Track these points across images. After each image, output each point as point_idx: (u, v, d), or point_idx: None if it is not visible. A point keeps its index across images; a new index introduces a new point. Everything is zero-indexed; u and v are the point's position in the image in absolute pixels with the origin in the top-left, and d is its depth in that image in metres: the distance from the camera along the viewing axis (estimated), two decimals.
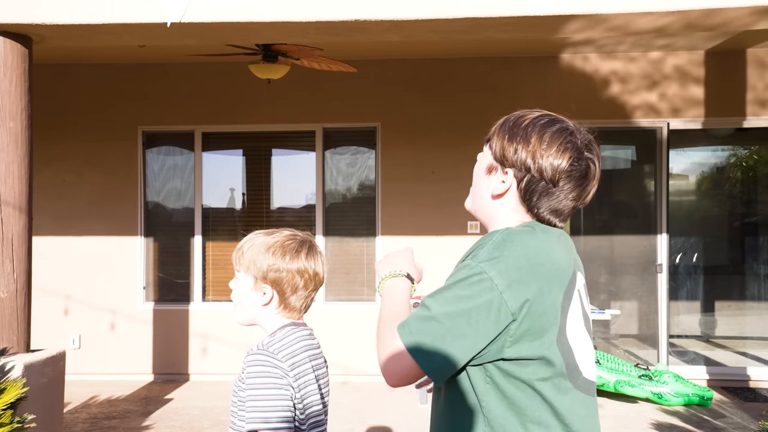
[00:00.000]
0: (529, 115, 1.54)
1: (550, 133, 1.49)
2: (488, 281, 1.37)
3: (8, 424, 3.57)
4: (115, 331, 7.24)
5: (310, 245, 1.87)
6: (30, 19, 4.04)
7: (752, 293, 7.15)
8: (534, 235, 1.44)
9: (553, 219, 1.51)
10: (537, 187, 1.48)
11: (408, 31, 4.26)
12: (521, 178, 1.48)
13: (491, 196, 1.54)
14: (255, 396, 1.70)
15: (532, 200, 1.49)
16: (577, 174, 1.48)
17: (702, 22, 4.12)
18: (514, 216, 1.52)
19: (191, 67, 7.23)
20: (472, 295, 1.37)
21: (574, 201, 1.50)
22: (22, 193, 4.20)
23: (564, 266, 1.45)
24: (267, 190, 7.47)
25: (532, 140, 1.48)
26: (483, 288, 1.37)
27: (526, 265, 1.38)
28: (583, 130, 1.54)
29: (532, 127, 1.50)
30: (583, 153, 1.49)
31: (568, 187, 1.48)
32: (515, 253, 1.39)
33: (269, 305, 1.84)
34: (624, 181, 7.39)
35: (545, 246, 1.44)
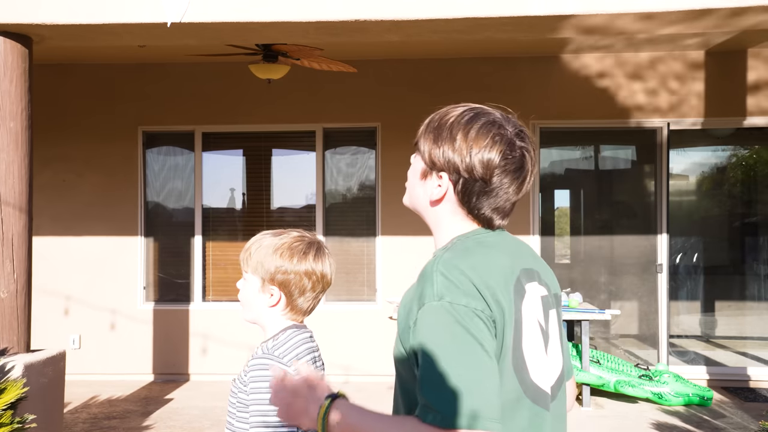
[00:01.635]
0: (452, 112, 1.45)
1: (476, 128, 1.40)
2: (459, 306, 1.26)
3: (8, 424, 3.57)
4: (115, 331, 7.24)
5: (318, 247, 1.86)
6: (30, 19, 4.04)
7: (752, 293, 7.15)
8: (475, 256, 1.35)
9: (495, 217, 1.42)
10: (473, 187, 1.40)
11: (408, 31, 4.25)
12: (456, 180, 1.40)
13: (430, 203, 1.46)
14: (260, 400, 1.70)
15: (471, 202, 1.41)
16: (513, 167, 1.39)
17: (701, 21, 4.12)
18: (455, 219, 1.44)
19: (191, 67, 7.23)
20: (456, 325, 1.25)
21: (515, 194, 1.42)
22: (23, 193, 4.20)
23: (508, 278, 1.36)
24: (267, 190, 7.47)
25: (458, 139, 1.40)
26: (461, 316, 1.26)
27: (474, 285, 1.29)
28: (512, 119, 1.44)
29: (457, 125, 1.41)
30: (515, 143, 1.40)
31: (505, 182, 1.39)
32: (461, 276, 1.29)
33: (276, 307, 1.84)
34: (624, 181, 7.39)
35: (487, 261, 1.35)
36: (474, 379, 1.22)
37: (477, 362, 1.24)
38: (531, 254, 1.50)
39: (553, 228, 7.40)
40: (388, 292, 7.03)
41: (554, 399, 1.43)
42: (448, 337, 1.25)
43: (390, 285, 7.04)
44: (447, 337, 1.25)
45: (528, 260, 1.46)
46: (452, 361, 1.23)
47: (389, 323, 7.05)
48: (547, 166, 7.30)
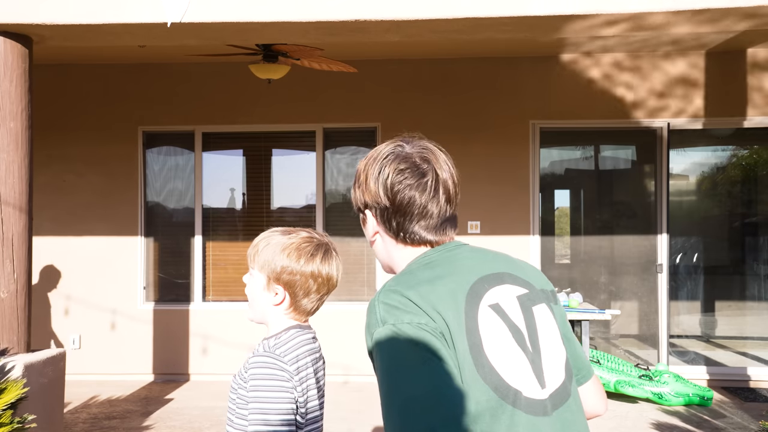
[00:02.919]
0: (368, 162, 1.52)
1: (369, 163, 1.47)
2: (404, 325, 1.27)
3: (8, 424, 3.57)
4: (115, 331, 7.24)
5: (326, 249, 1.86)
6: (30, 19, 4.04)
7: (752, 293, 7.15)
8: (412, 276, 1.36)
9: (428, 236, 1.43)
10: (387, 213, 1.43)
11: (408, 31, 4.25)
12: (375, 213, 1.45)
13: (370, 243, 1.52)
14: (259, 398, 1.70)
15: (392, 227, 1.44)
16: (413, 179, 1.40)
17: (700, 21, 4.12)
18: (401, 252, 1.46)
19: (191, 67, 7.23)
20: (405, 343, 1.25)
21: (435, 206, 1.42)
22: (23, 194, 4.20)
23: (455, 289, 1.34)
24: (267, 190, 7.47)
25: (360, 178, 1.48)
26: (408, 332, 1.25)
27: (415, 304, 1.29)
28: (416, 141, 1.47)
29: (362, 169, 1.48)
30: (409, 157, 1.42)
31: (414, 196, 1.40)
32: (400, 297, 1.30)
33: (280, 306, 1.84)
34: (624, 181, 7.39)
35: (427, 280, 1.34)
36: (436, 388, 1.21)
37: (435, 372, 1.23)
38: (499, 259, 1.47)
39: (553, 228, 7.40)
40: None
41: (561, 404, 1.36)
42: (400, 357, 1.24)
43: None
44: (398, 357, 1.24)
45: (493, 265, 1.43)
46: (409, 378, 1.22)
47: None
48: (547, 166, 7.30)
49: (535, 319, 1.41)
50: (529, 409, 1.31)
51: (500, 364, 1.31)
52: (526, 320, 1.39)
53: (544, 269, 7.15)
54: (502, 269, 1.44)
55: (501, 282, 1.40)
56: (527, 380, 1.33)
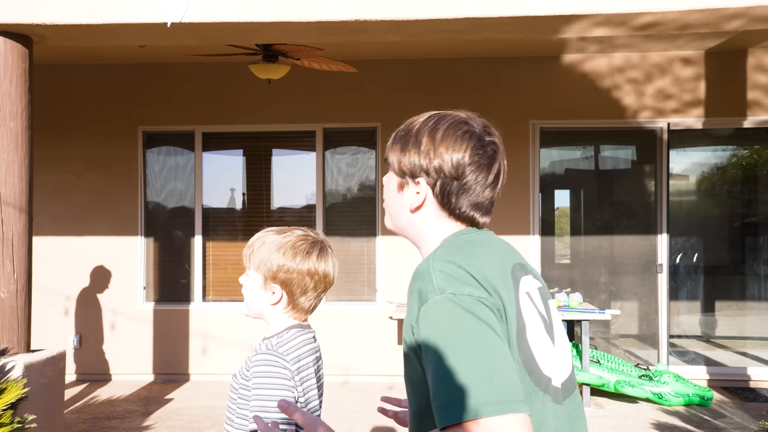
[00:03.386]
0: (417, 120, 1.47)
1: (442, 129, 1.42)
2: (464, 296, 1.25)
3: (8, 424, 3.57)
4: (115, 331, 7.24)
5: (322, 246, 1.86)
6: (30, 19, 4.04)
7: (752, 293, 7.15)
8: (467, 251, 1.35)
9: (476, 215, 1.43)
10: (450, 187, 1.40)
11: (408, 31, 4.25)
12: (433, 183, 1.41)
13: (410, 211, 1.45)
14: (261, 395, 1.71)
15: (451, 202, 1.41)
16: (485, 161, 1.41)
17: (700, 21, 4.12)
18: (439, 223, 1.43)
19: (191, 67, 7.23)
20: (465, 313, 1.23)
21: (491, 190, 1.43)
22: (23, 194, 4.20)
23: (502, 271, 1.35)
24: (267, 190, 7.47)
25: (423, 142, 1.42)
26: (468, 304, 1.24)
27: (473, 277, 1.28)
28: (475, 116, 1.46)
29: (422, 130, 1.43)
30: (483, 138, 1.42)
31: (481, 178, 1.40)
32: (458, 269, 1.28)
33: (278, 305, 1.84)
34: (624, 181, 7.39)
35: (482, 257, 1.34)
36: (494, 363, 1.19)
37: (493, 347, 1.21)
38: (517, 251, 1.51)
39: (553, 228, 7.40)
40: (388, 292, 7.03)
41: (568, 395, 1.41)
42: (460, 327, 1.22)
43: (390, 285, 7.04)
44: (458, 327, 1.22)
45: (516, 256, 1.47)
46: (468, 349, 1.20)
47: (389, 323, 7.05)
48: (547, 166, 7.30)
49: (551, 312, 1.46)
50: (554, 397, 1.35)
51: (537, 351, 1.34)
52: (546, 312, 1.43)
53: (545, 269, 7.16)
54: (522, 261, 1.47)
55: (526, 272, 1.44)
56: (554, 369, 1.37)
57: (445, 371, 1.20)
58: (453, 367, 1.19)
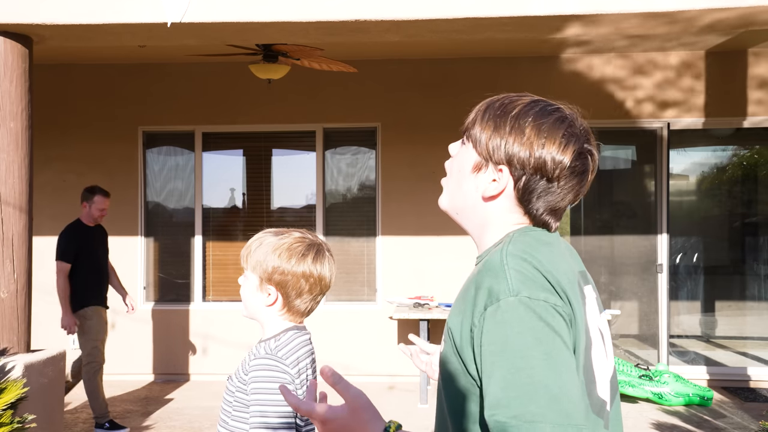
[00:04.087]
0: (518, 101, 1.33)
1: (548, 123, 1.27)
2: (539, 302, 1.15)
3: (8, 424, 3.57)
4: (115, 331, 7.23)
5: (318, 249, 1.85)
6: (30, 19, 4.04)
7: (752, 293, 7.15)
8: (540, 251, 1.24)
9: (550, 219, 1.31)
10: (537, 186, 1.26)
11: (408, 31, 4.25)
12: (519, 176, 1.27)
13: (482, 198, 1.31)
14: (261, 400, 1.70)
15: (531, 201, 1.28)
16: (581, 169, 1.28)
17: (700, 22, 4.12)
18: (509, 218, 1.31)
19: (191, 67, 7.23)
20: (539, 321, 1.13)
21: (574, 197, 1.31)
22: (23, 193, 4.20)
23: (572, 278, 1.25)
24: (267, 190, 7.47)
25: (526, 132, 1.27)
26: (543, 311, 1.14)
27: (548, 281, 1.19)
28: (578, 116, 1.33)
29: (525, 115, 1.29)
30: (584, 146, 1.29)
31: (569, 185, 1.28)
32: (534, 270, 1.19)
33: (273, 306, 1.83)
34: (624, 181, 7.39)
35: (554, 260, 1.25)
36: (563, 380, 1.10)
37: (564, 363, 1.12)
38: (579, 257, 1.41)
39: None
40: (388, 292, 7.03)
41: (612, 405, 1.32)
42: (532, 336, 1.12)
43: (390, 285, 7.04)
44: (530, 335, 1.12)
45: (580, 263, 1.37)
46: (539, 361, 1.10)
47: (389, 323, 7.04)
48: None
49: (605, 326, 1.36)
50: (605, 422, 1.26)
51: (597, 371, 1.25)
52: (603, 327, 1.34)
53: None
54: (584, 268, 1.37)
55: (587, 281, 1.35)
56: (608, 391, 1.28)
57: (510, 380, 1.10)
58: (519, 377, 1.10)
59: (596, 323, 1.30)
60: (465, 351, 1.19)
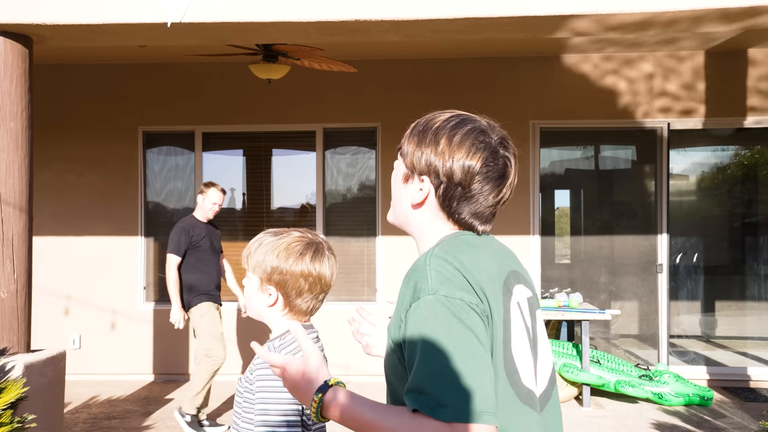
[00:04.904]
0: (439, 117, 1.46)
1: (460, 134, 1.41)
2: (455, 300, 1.27)
3: (8, 424, 3.57)
4: (115, 331, 7.24)
5: (317, 248, 1.84)
6: (30, 19, 4.04)
7: (752, 293, 7.15)
8: (465, 252, 1.36)
9: (476, 223, 1.43)
10: (454, 192, 1.40)
11: (408, 31, 4.25)
12: (437, 184, 1.41)
13: (411, 206, 1.46)
14: (265, 399, 1.70)
15: (451, 206, 1.41)
16: (494, 174, 1.41)
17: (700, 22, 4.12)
18: (437, 224, 1.44)
19: (191, 67, 7.23)
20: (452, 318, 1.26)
21: (494, 201, 1.43)
22: (23, 194, 4.20)
23: (495, 277, 1.37)
24: (267, 190, 7.47)
25: (441, 143, 1.41)
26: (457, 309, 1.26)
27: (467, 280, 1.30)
28: (496, 126, 1.46)
29: (442, 129, 1.42)
30: (498, 151, 1.41)
31: (486, 189, 1.40)
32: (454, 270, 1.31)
33: (275, 306, 1.83)
34: (624, 181, 7.39)
35: (477, 261, 1.36)
36: (473, 372, 1.22)
37: (475, 355, 1.24)
38: (515, 258, 1.52)
39: (553, 228, 7.40)
40: (388, 292, 7.03)
41: (547, 402, 1.44)
42: (446, 330, 1.25)
43: (390, 285, 7.04)
44: (444, 330, 1.25)
45: (514, 263, 1.48)
46: (451, 354, 1.23)
47: None
48: (547, 166, 7.30)
49: (537, 323, 1.47)
50: (534, 407, 1.38)
51: (519, 362, 1.36)
52: (532, 323, 1.45)
53: (545, 269, 7.16)
54: (518, 268, 1.49)
55: (518, 281, 1.45)
56: (535, 381, 1.40)
57: (425, 371, 1.23)
58: (432, 368, 1.23)
59: (523, 319, 1.40)
60: (394, 337, 1.35)
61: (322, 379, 1.40)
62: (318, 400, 1.36)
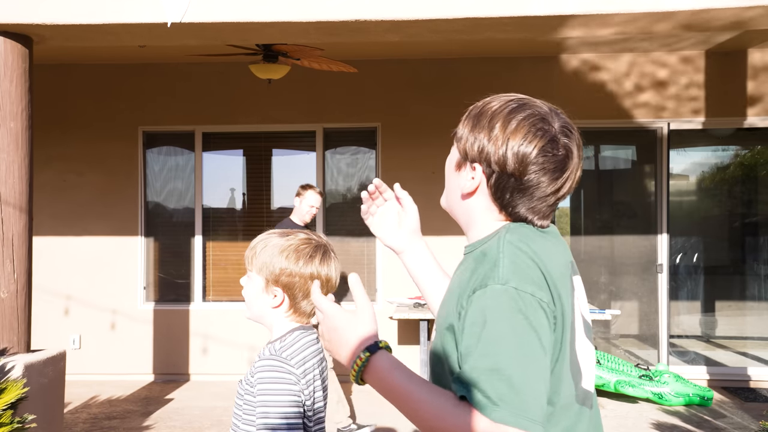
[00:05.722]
0: (496, 100, 1.36)
1: (517, 119, 1.29)
2: (525, 294, 1.18)
3: (8, 424, 3.57)
4: (115, 331, 7.24)
5: (325, 250, 1.84)
6: (30, 19, 4.04)
7: (752, 293, 7.15)
8: (537, 242, 1.27)
9: (532, 217, 1.31)
10: (507, 183, 1.28)
11: (408, 31, 4.25)
12: (489, 174, 1.30)
13: (461, 196, 1.36)
14: (266, 401, 1.69)
15: (504, 198, 1.30)
16: (552, 165, 1.27)
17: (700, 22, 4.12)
18: (488, 215, 1.33)
19: (191, 67, 7.23)
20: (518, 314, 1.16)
21: (553, 196, 1.30)
22: (23, 193, 4.20)
23: (564, 272, 1.28)
24: (267, 190, 7.47)
25: (496, 128, 1.29)
26: (525, 305, 1.17)
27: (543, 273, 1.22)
28: (560, 112, 1.34)
29: (498, 114, 1.31)
30: (558, 140, 1.28)
31: (543, 181, 1.28)
32: (529, 261, 1.22)
33: (279, 308, 1.82)
34: (624, 181, 7.39)
35: (548, 251, 1.27)
36: (530, 377, 1.14)
37: (536, 359, 1.15)
38: (569, 248, 1.43)
39: None
40: (388, 292, 7.03)
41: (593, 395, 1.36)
42: (510, 326, 1.15)
43: (390, 285, 7.04)
44: (508, 325, 1.15)
45: (569, 252, 1.38)
46: (511, 352, 1.14)
47: (389, 323, 7.04)
48: None
49: (587, 312, 1.38)
50: (588, 405, 1.31)
51: (582, 363, 1.28)
52: (586, 314, 1.36)
53: None
54: (571, 256, 1.38)
55: (575, 271, 1.35)
56: (591, 377, 1.32)
57: (482, 363, 1.14)
58: (490, 362, 1.14)
59: (582, 314, 1.32)
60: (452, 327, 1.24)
61: (373, 338, 1.28)
62: (364, 359, 1.25)
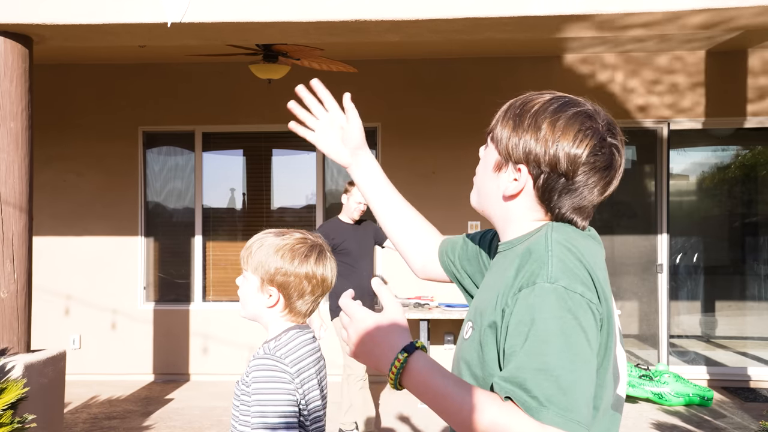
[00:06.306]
0: (538, 99, 1.32)
1: (564, 118, 1.26)
2: (575, 294, 1.15)
3: (8, 424, 3.57)
4: (115, 331, 7.24)
5: (320, 250, 1.84)
6: (30, 19, 4.04)
7: (752, 293, 7.15)
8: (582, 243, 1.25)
9: (576, 218, 1.29)
10: (556, 184, 1.25)
11: (408, 31, 4.25)
12: (537, 175, 1.26)
13: (503, 198, 1.31)
14: (261, 401, 1.70)
15: (552, 199, 1.27)
16: (601, 164, 1.25)
17: (700, 22, 4.12)
18: (531, 216, 1.30)
19: (191, 67, 7.23)
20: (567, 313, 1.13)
21: (599, 195, 1.28)
22: (23, 193, 4.20)
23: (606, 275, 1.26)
24: (267, 190, 7.47)
25: (543, 128, 1.25)
26: (575, 304, 1.14)
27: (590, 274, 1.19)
28: (602, 111, 1.31)
29: (543, 112, 1.27)
30: (605, 139, 1.26)
31: (592, 181, 1.26)
32: (578, 261, 1.19)
33: (275, 308, 1.83)
34: (624, 181, 7.31)
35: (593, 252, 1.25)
36: (580, 378, 1.11)
37: (585, 360, 1.12)
38: None
39: None
40: None
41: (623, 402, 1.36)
42: (559, 326, 1.12)
43: (390, 285, 7.04)
44: (558, 325, 1.12)
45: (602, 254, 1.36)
46: (561, 352, 1.11)
47: None
48: None
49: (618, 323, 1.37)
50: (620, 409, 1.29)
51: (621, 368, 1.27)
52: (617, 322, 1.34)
53: None
54: None
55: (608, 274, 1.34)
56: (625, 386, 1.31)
57: (530, 363, 1.11)
58: (539, 362, 1.11)
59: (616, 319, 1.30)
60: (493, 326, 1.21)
61: (407, 338, 1.22)
62: (403, 360, 1.18)
